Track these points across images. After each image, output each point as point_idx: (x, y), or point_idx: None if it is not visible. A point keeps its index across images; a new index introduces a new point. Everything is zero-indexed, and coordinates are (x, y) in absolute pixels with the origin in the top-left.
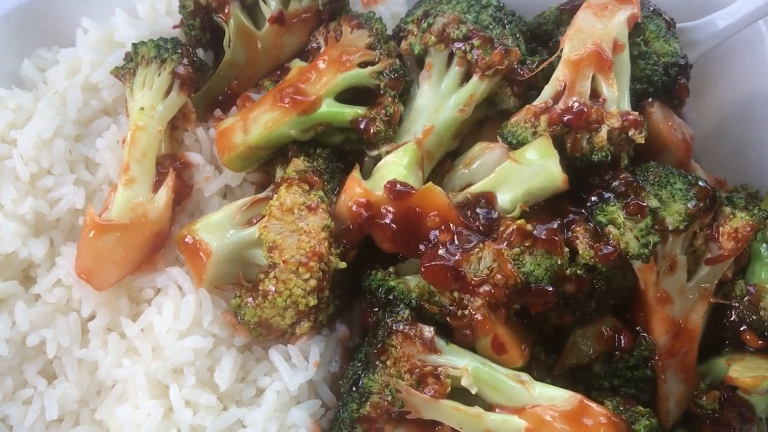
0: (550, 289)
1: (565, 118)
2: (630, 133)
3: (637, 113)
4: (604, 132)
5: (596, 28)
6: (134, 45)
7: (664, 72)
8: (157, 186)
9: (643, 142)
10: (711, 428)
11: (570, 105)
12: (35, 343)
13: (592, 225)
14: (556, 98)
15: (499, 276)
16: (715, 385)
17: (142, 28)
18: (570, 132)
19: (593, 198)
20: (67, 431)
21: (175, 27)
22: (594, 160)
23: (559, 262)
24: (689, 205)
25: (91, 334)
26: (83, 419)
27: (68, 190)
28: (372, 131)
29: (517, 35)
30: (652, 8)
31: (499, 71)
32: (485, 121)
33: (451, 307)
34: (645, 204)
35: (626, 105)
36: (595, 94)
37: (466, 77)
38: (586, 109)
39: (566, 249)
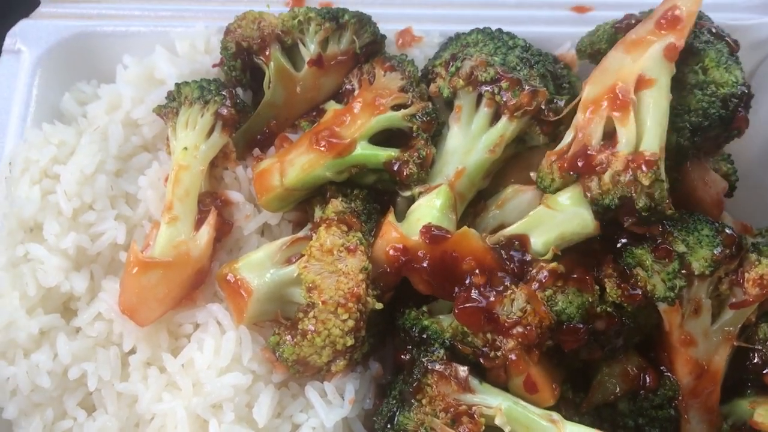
0: (582, 326)
1: (573, 164)
2: (637, 175)
3: (651, 153)
4: (607, 176)
5: (623, 65)
6: (177, 85)
7: (722, 104)
8: (198, 224)
9: (647, 183)
10: None
11: (577, 150)
12: (76, 375)
13: (621, 265)
14: (570, 143)
15: (531, 317)
16: (737, 426)
17: (182, 65)
18: (579, 178)
19: (623, 239)
20: None
21: (214, 66)
22: (605, 203)
23: (590, 300)
24: (715, 252)
25: (131, 368)
26: None
27: (109, 225)
28: (405, 173)
29: (545, 74)
30: (714, 30)
31: (528, 112)
32: (514, 157)
33: (484, 348)
34: (672, 248)
35: (652, 144)
36: (611, 135)
37: (495, 118)
38: (590, 154)
39: (596, 287)
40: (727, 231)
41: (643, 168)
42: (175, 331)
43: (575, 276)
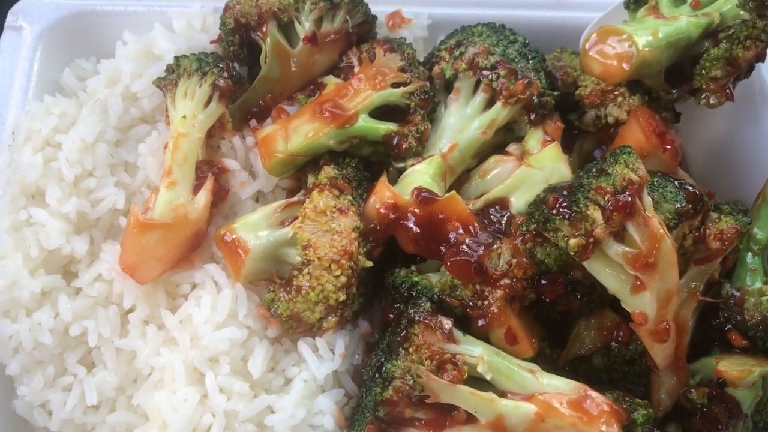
0: (560, 276)
1: None
2: None
3: None
4: None
5: None
6: (176, 58)
7: None
8: (196, 189)
9: None
10: (700, 422)
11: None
12: (77, 333)
13: None
14: None
15: (517, 269)
16: (704, 382)
17: (179, 42)
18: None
19: None
20: (104, 416)
21: (212, 42)
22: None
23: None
24: (678, 205)
25: (130, 326)
26: (119, 405)
27: (109, 192)
28: (404, 146)
29: (539, 70)
30: None
31: (521, 100)
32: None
33: (471, 299)
34: None
35: None
36: None
37: (489, 103)
38: None
39: None
40: (689, 188)
41: None
42: (173, 291)
43: None
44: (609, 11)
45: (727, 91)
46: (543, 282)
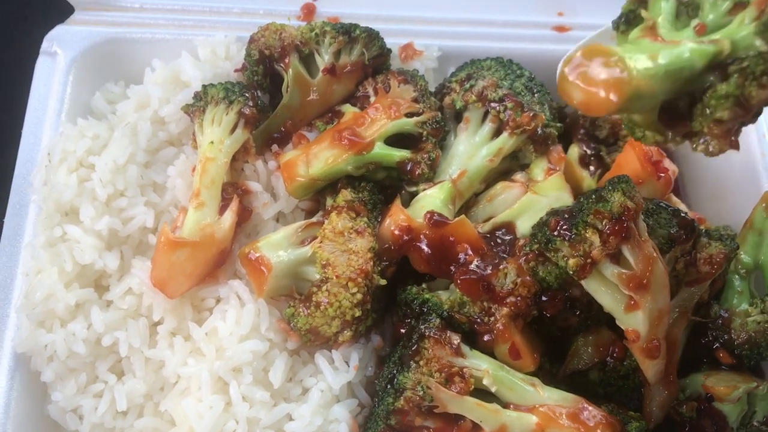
0: (559, 293)
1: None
2: None
3: None
4: None
5: None
6: (204, 86)
7: None
8: (222, 210)
9: None
10: None
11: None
12: (108, 343)
13: None
14: None
15: (521, 288)
16: (693, 397)
17: (205, 70)
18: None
19: None
20: (132, 422)
21: (236, 71)
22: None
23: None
24: (671, 231)
25: (159, 337)
26: (147, 411)
27: (139, 211)
28: (417, 172)
29: (544, 103)
30: None
31: (526, 131)
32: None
33: (479, 316)
34: None
35: None
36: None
37: (497, 133)
38: None
39: None
40: (682, 215)
41: None
42: (199, 305)
43: None
44: (595, 34)
45: (732, 138)
46: (544, 298)
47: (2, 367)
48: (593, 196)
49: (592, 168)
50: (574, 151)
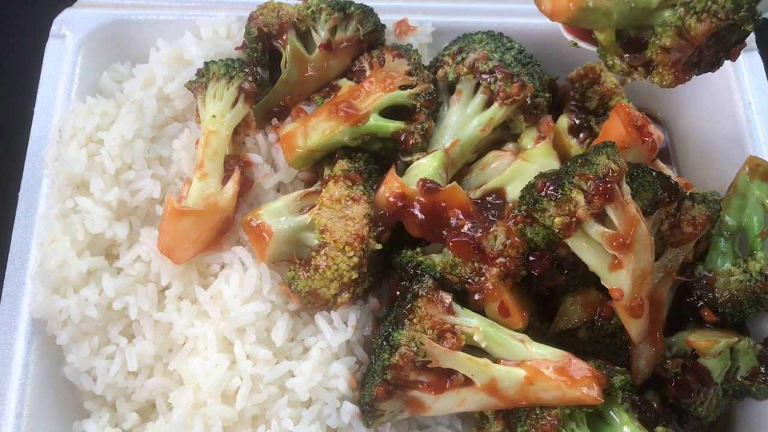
0: (546, 253)
1: None
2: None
3: None
4: None
5: None
6: (206, 63)
7: None
8: (225, 180)
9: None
10: (675, 389)
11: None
12: (119, 307)
13: None
14: None
15: (510, 249)
16: (679, 354)
17: (207, 48)
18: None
19: None
20: (143, 381)
21: (237, 48)
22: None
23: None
24: (656, 193)
25: (167, 301)
26: (156, 371)
27: (146, 183)
28: (411, 142)
29: (533, 75)
30: None
31: (516, 101)
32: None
33: (470, 276)
34: None
35: None
36: None
37: (488, 103)
38: None
39: None
40: (666, 178)
41: None
42: (204, 271)
43: None
44: None
45: (679, 68)
46: (532, 258)
47: (20, 332)
48: (579, 160)
49: (581, 136)
50: (564, 121)
